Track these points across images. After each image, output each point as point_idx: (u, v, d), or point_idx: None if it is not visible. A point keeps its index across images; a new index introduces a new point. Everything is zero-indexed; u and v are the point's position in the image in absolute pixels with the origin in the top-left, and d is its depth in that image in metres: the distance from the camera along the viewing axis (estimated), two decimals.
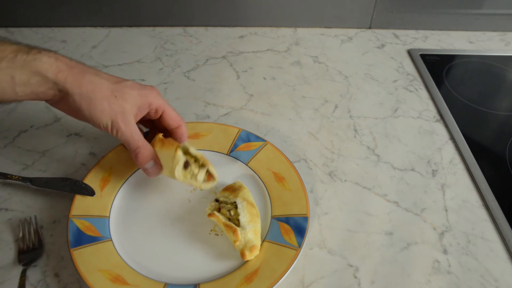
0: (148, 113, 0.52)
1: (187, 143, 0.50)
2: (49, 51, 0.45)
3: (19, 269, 0.47)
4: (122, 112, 0.47)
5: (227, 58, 0.82)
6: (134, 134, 0.48)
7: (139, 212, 0.53)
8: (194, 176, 0.49)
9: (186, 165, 0.49)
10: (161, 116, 0.52)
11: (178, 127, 0.54)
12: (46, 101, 0.47)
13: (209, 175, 0.51)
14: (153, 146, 0.51)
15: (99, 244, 0.48)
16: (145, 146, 0.49)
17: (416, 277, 0.49)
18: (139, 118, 0.51)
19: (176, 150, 0.48)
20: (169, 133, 0.55)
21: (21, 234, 0.50)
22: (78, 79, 0.45)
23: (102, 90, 0.46)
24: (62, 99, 0.46)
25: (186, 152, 0.49)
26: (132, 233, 0.51)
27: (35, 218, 0.52)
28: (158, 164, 0.50)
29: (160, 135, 0.52)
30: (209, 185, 0.51)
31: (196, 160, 0.50)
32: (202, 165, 0.50)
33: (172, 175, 0.49)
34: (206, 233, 0.52)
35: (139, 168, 0.57)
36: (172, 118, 0.53)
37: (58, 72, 0.44)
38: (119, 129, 0.47)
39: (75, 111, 0.47)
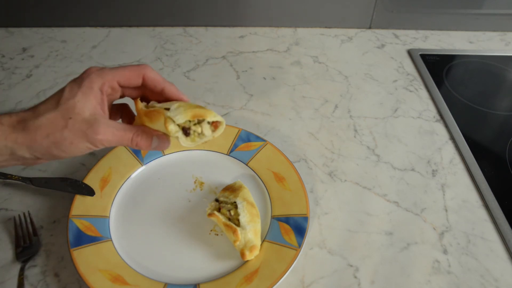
0: (108, 98, 0.44)
1: (171, 113, 0.42)
2: None
3: (19, 267, 0.47)
4: (89, 126, 0.40)
5: (227, 58, 0.82)
6: (117, 132, 0.42)
7: (139, 212, 0.53)
8: (201, 135, 0.43)
9: (186, 132, 0.43)
10: (121, 86, 0.45)
11: (143, 78, 0.45)
12: (22, 164, 0.42)
13: (213, 123, 0.44)
14: (141, 122, 0.45)
15: (99, 244, 0.48)
16: (137, 131, 0.43)
17: (416, 277, 0.49)
18: (105, 108, 0.43)
19: (166, 125, 0.42)
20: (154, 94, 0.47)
21: (16, 231, 0.50)
22: (25, 135, 0.39)
23: (55, 126, 0.40)
24: (35, 159, 0.42)
25: (173, 120, 0.43)
26: (132, 233, 0.51)
27: (29, 213, 0.52)
28: (162, 136, 0.45)
29: (139, 106, 0.45)
30: (220, 130, 0.44)
31: (190, 120, 0.43)
32: (199, 121, 0.43)
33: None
34: (206, 233, 0.52)
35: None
36: (130, 78, 0.45)
37: (5, 138, 0.39)
38: (101, 141, 0.41)
39: (53, 158, 0.42)
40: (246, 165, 0.59)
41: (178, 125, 0.42)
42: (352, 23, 0.92)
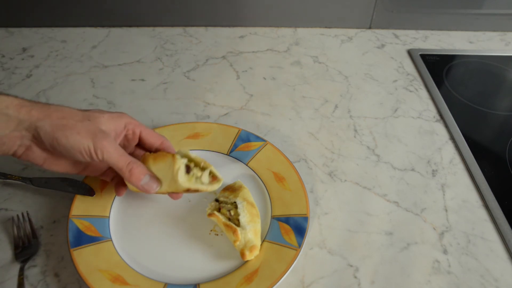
0: (126, 137, 0.49)
1: (182, 149, 0.48)
2: (7, 94, 0.42)
3: (19, 267, 0.47)
4: (101, 131, 0.44)
5: (227, 58, 0.82)
6: (120, 150, 0.45)
7: (139, 212, 0.53)
8: (198, 179, 0.47)
9: (187, 169, 0.46)
10: (140, 137, 0.50)
11: (161, 143, 0.50)
12: (14, 154, 0.44)
13: (213, 177, 0.49)
14: (144, 163, 0.48)
15: (99, 244, 0.48)
16: (135, 160, 0.45)
17: (416, 277, 0.49)
18: (118, 142, 0.48)
19: (174, 156, 0.46)
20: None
21: (15, 231, 0.50)
22: (44, 110, 0.42)
23: (73, 116, 0.43)
24: (31, 141, 0.43)
25: (184, 157, 0.47)
26: (132, 233, 0.51)
27: (28, 214, 0.52)
28: (154, 177, 0.47)
29: (147, 153, 0.49)
30: (215, 186, 0.48)
31: (196, 164, 0.48)
32: (203, 168, 0.48)
33: (174, 185, 0.46)
34: (206, 233, 0.52)
35: None
36: (152, 135, 0.50)
37: (20, 107, 0.41)
38: (103, 148, 0.42)
39: (50, 144, 0.42)
40: (246, 165, 0.59)
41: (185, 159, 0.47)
42: (352, 23, 0.92)
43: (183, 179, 0.46)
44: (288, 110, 0.71)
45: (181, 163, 0.45)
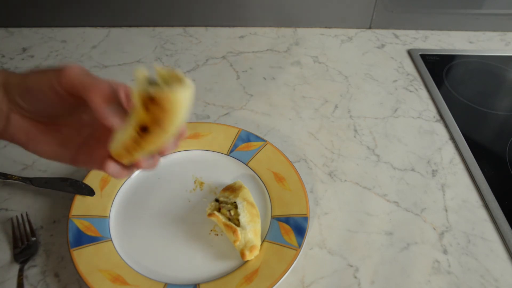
0: None
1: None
2: None
3: (18, 268, 0.47)
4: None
5: (227, 58, 0.82)
6: (88, 73, 0.38)
7: (139, 212, 0.53)
8: (156, 85, 0.34)
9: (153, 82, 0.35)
10: None
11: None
12: None
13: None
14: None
15: (99, 244, 0.48)
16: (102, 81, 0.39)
17: (416, 277, 0.49)
18: None
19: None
20: None
21: (14, 232, 0.50)
22: (19, 75, 0.39)
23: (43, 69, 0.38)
24: (8, 109, 0.39)
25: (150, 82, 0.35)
26: (132, 233, 0.51)
27: (27, 214, 0.52)
28: (117, 111, 0.38)
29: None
30: (181, 91, 0.32)
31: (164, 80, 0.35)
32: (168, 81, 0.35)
33: (133, 115, 0.35)
34: (206, 233, 0.52)
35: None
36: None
37: None
38: (69, 70, 0.37)
39: (18, 93, 0.38)
40: (246, 165, 0.59)
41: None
42: (352, 23, 0.92)
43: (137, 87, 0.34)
44: (288, 110, 0.71)
45: (139, 77, 0.35)
